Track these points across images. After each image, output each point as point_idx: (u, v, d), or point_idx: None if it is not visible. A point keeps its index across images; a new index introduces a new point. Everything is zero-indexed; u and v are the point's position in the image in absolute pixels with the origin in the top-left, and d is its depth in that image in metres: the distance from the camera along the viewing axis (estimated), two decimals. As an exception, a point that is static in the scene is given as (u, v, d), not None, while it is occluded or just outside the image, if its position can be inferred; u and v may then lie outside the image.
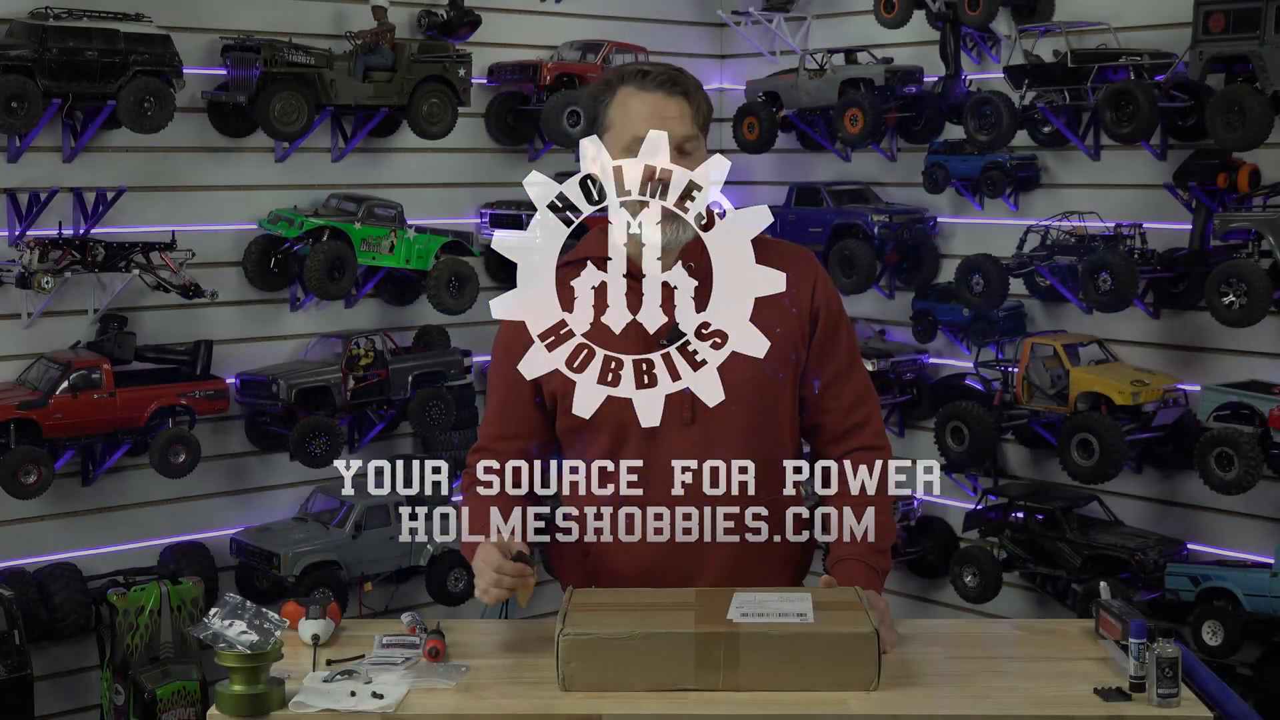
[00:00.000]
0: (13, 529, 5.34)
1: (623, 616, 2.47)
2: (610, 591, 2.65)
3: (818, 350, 2.91)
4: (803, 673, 2.44)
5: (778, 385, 2.87)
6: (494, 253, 6.74)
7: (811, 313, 2.90)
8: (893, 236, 6.27)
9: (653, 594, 2.62)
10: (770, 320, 2.83)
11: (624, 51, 6.51)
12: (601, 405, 2.83)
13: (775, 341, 2.82)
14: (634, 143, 2.77)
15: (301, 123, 5.65)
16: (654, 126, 2.76)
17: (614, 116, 2.84)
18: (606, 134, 2.86)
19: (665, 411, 2.81)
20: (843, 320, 2.96)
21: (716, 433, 2.82)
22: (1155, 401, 5.47)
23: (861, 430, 2.94)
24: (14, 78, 4.98)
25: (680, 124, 2.80)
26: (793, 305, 2.87)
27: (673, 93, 2.81)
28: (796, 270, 2.89)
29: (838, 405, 2.93)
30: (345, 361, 5.81)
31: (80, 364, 5.21)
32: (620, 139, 2.82)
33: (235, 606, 2.48)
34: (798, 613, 2.50)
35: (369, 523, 5.77)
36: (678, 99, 2.81)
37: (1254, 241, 5.08)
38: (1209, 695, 2.50)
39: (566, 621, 2.44)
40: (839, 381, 2.93)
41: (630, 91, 2.82)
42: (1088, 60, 5.56)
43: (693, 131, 2.82)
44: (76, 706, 5.53)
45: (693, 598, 2.59)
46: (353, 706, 2.39)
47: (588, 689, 2.41)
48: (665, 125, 2.77)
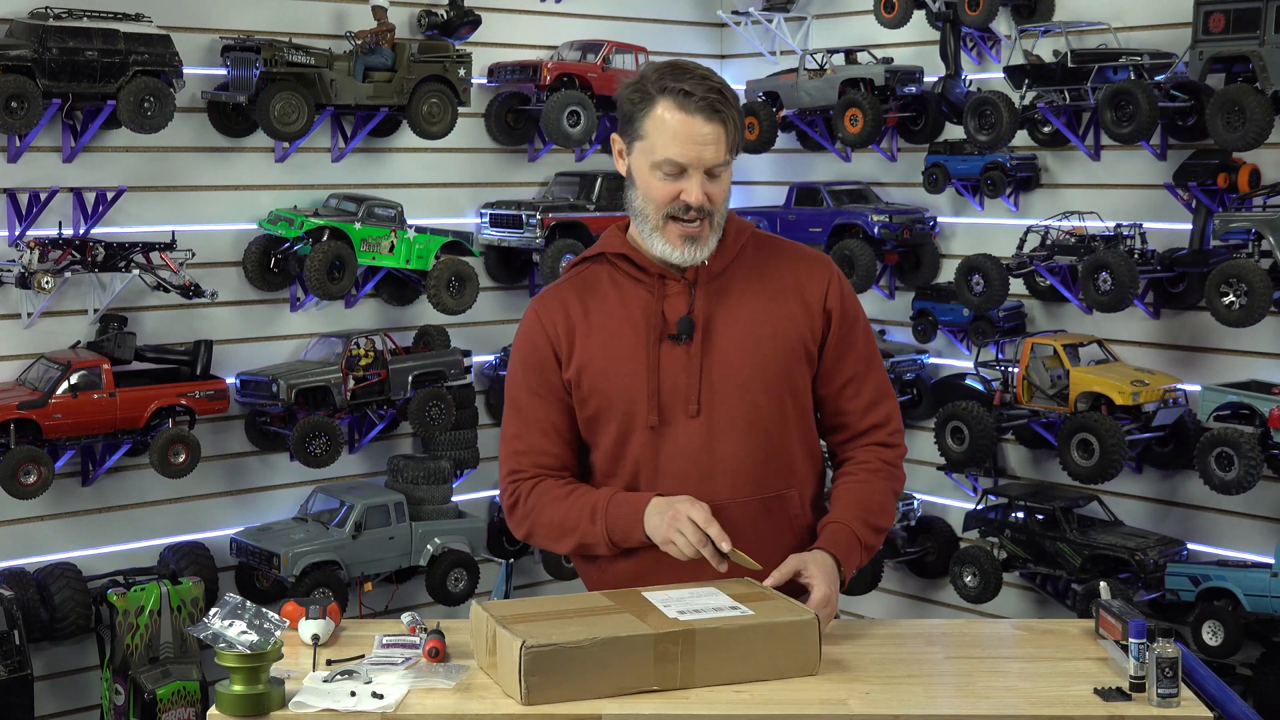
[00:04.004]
0: (13, 529, 5.34)
1: (568, 625, 2.44)
2: (520, 602, 2.61)
3: (833, 351, 2.92)
4: (751, 664, 2.46)
5: (786, 381, 2.87)
6: (494, 252, 6.81)
7: (824, 312, 2.90)
8: (893, 236, 6.27)
9: (564, 600, 2.60)
10: (779, 317, 2.86)
11: (624, 51, 6.52)
12: (609, 398, 2.85)
13: (784, 338, 2.86)
14: (666, 163, 2.77)
15: (301, 123, 5.65)
16: (689, 153, 2.75)
17: (649, 129, 2.78)
18: (638, 142, 2.81)
19: (671, 405, 2.83)
20: (859, 322, 2.96)
21: (721, 426, 2.83)
22: (1155, 401, 5.47)
23: (879, 430, 2.96)
24: (14, 78, 4.98)
25: (715, 151, 2.77)
26: (803, 304, 2.89)
27: (712, 119, 2.75)
28: (810, 271, 2.92)
29: (855, 406, 2.95)
30: (345, 361, 5.81)
31: (80, 364, 5.21)
32: (651, 154, 2.78)
33: (235, 606, 2.48)
34: (730, 606, 2.54)
35: (369, 523, 5.77)
36: (716, 125, 2.76)
37: (1254, 241, 5.08)
38: (1209, 695, 2.50)
39: (517, 635, 2.38)
40: (856, 382, 2.94)
41: (669, 108, 2.75)
42: (1088, 60, 5.56)
43: (726, 158, 2.80)
44: (76, 706, 5.53)
45: (610, 601, 2.58)
46: (353, 706, 2.39)
47: (549, 701, 2.36)
48: (701, 152, 2.75)
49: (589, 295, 2.91)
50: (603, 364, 2.86)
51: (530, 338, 2.93)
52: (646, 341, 2.83)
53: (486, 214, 6.38)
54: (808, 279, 2.90)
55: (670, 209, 2.79)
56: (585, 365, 2.87)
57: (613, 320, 2.87)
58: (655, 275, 2.86)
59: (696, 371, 2.82)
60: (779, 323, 2.87)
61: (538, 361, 2.91)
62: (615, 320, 2.87)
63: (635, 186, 2.84)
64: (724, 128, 2.77)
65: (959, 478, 6.25)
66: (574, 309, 2.90)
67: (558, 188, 6.53)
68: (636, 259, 2.88)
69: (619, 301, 2.88)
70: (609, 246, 2.92)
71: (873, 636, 2.75)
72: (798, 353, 2.88)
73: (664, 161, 2.76)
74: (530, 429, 2.92)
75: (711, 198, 2.79)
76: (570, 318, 2.89)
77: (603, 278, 2.92)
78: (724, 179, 2.82)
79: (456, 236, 6.08)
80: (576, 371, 2.87)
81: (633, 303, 2.87)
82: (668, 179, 2.78)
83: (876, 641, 2.72)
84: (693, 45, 7.08)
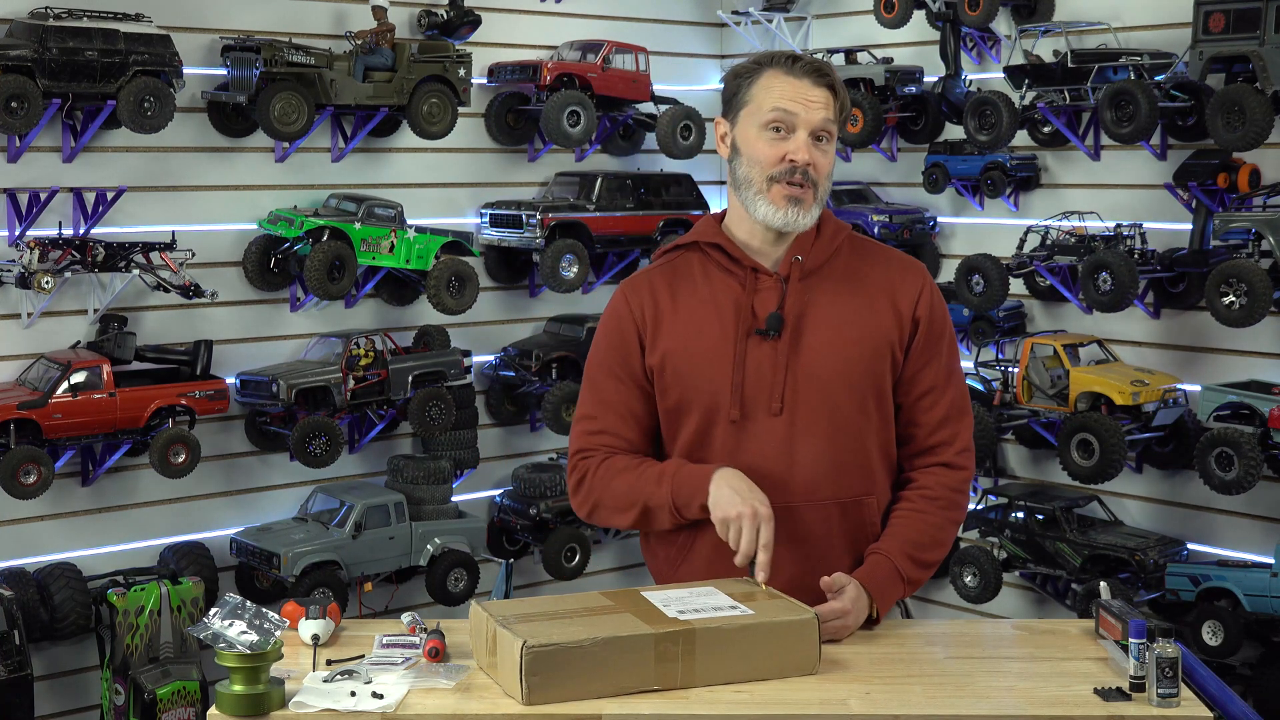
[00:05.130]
0: (13, 529, 5.34)
1: (569, 624, 2.44)
2: (519, 602, 2.61)
3: (916, 360, 2.89)
4: (751, 662, 2.46)
5: (870, 384, 2.85)
6: (494, 252, 6.81)
7: (913, 320, 2.88)
8: (893, 237, 6.27)
9: (563, 600, 2.60)
10: (869, 320, 2.84)
11: (624, 51, 6.51)
12: (692, 390, 2.83)
13: (871, 341, 2.83)
14: (773, 116, 2.78)
15: (301, 123, 5.65)
16: (797, 105, 2.77)
17: (756, 93, 2.82)
18: (744, 109, 2.83)
19: (755, 400, 2.81)
20: (945, 335, 2.93)
21: (802, 425, 2.81)
22: (1155, 401, 5.47)
23: (946, 448, 2.92)
24: (14, 78, 4.98)
25: (822, 109, 2.79)
26: (893, 309, 2.87)
27: (819, 82, 2.80)
28: (903, 276, 2.90)
29: (927, 420, 2.91)
30: (345, 361, 5.81)
31: (80, 364, 5.21)
32: (759, 114, 2.80)
33: (235, 606, 2.48)
34: (729, 606, 2.53)
35: (369, 523, 5.77)
36: (824, 88, 2.80)
37: (1254, 241, 5.08)
38: (1209, 695, 2.50)
39: (518, 635, 2.37)
40: (934, 394, 2.90)
41: (777, 74, 2.81)
42: (1088, 60, 5.56)
43: (833, 122, 2.82)
44: (76, 706, 5.53)
45: (609, 600, 2.58)
46: (353, 706, 2.39)
47: (550, 701, 2.36)
48: (808, 108, 2.78)
49: (679, 282, 2.89)
50: (687, 354, 2.84)
51: (616, 319, 2.92)
52: (735, 335, 2.82)
53: (486, 214, 6.38)
54: (901, 284, 2.89)
55: (775, 171, 2.78)
56: (670, 353, 2.85)
57: (701, 310, 2.86)
58: (748, 268, 2.85)
59: (783, 369, 2.80)
60: (868, 325, 2.84)
61: (621, 343, 2.90)
62: (704, 310, 2.85)
63: (740, 155, 2.84)
64: (832, 94, 2.81)
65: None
66: (662, 295, 2.89)
67: (558, 188, 6.53)
68: (730, 249, 2.87)
69: (709, 292, 2.86)
70: (703, 235, 2.91)
71: (873, 636, 2.75)
72: (884, 356, 2.85)
73: (773, 113, 2.78)
74: (605, 411, 2.91)
75: (816, 165, 2.80)
76: (658, 304, 2.88)
77: (694, 266, 2.90)
78: (830, 153, 2.83)
79: (456, 236, 6.08)
80: (661, 359, 2.86)
81: (722, 294, 2.85)
82: (775, 139, 2.78)
83: (876, 641, 2.72)
84: (693, 45, 7.08)
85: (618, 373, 2.90)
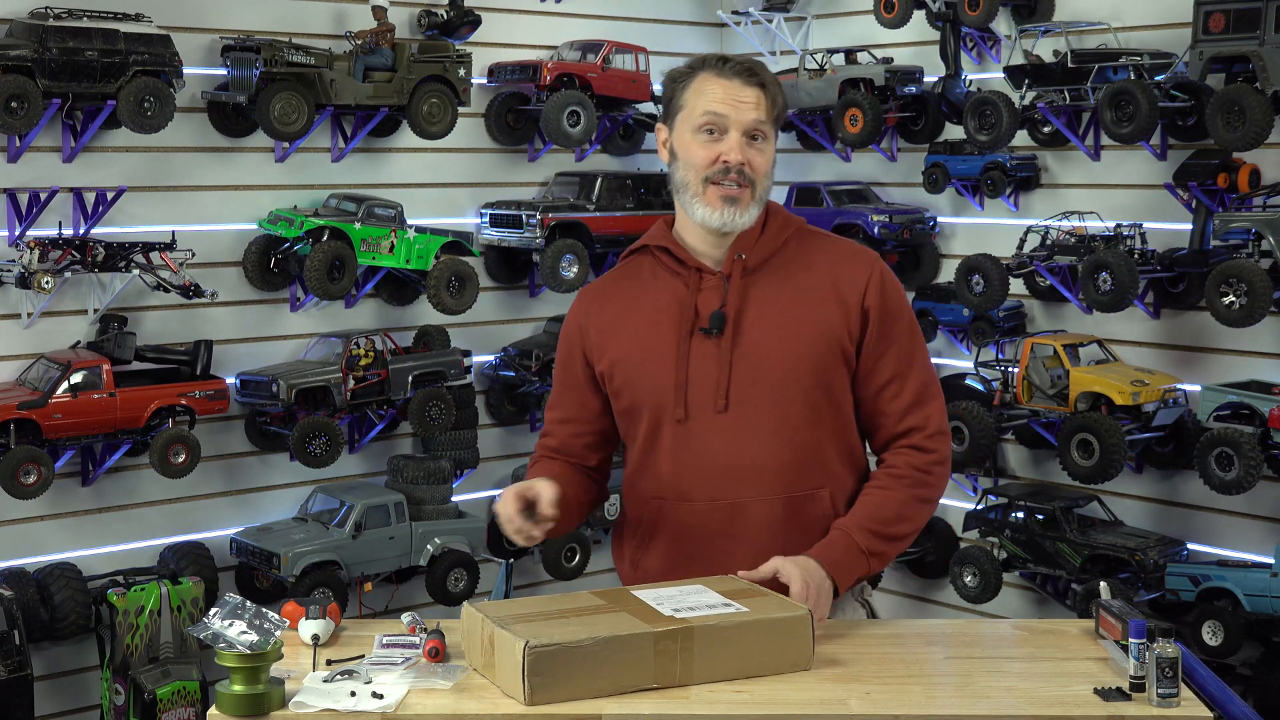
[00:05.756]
0: (13, 529, 5.34)
1: (567, 624, 2.44)
2: (513, 603, 2.61)
3: (872, 350, 2.88)
4: (747, 659, 2.47)
5: (818, 378, 2.85)
6: (494, 252, 6.80)
7: (861, 309, 2.87)
8: (893, 236, 6.27)
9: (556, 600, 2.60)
10: (814, 313, 2.84)
11: (624, 51, 6.52)
12: (640, 391, 2.87)
13: (817, 335, 2.83)
14: (706, 120, 2.81)
15: (301, 123, 5.65)
16: (727, 106, 2.80)
17: (689, 98, 2.85)
18: (679, 114, 2.86)
19: (699, 399, 2.82)
20: (900, 321, 2.91)
21: (749, 422, 2.82)
22: (1155, 401, 5.47)
23: (917, 433, 2.91)
24: (14, 78, 4.98)
25: (754, 110, 2.82)
26: (839, 301, 2.86)
27: (750, 81, 2.82)
28: (850, 266, 2.90)
29: (893, 408, 2.90)
30: (345, 361, 5.81)
31: (80, 364, 5.21)
32: (692, 117, 2.83)
33: (235, 606, 2.48)
34: (722, 604, 2.54)
35: (369, 523, 5.77)
36: (754, 88, 2.83)
37: (1254, 241, 5.08)
38: (1209, 695, 2.50)
39: (519, 636, 2.37)
40: (896, 383, 2.89)
41: (709, 76, 2.84)
42: (1088, 60, 5.56)
43: (766, 121, 2.83)
44: (76, 706, 5.53)
45: (602, 600, 2.58)
46: (353, 706, 2.39)
47: (552, 701, 2.36)
48: (739, 109, 2.80)
49: (630, 288, 2.94)
50: (635, 358, 2.88)
51: (567, 332, 3.01)
52: (678, 335, 2.84)
53: (486, 214, 6.38)
54: (847, 275, 2.88)
55: (710, 172, 2.81)
56: (618, 360, 2.89)
57: (649, 314, 2.89)
58: (692, 268, 2.88)
59: (726, 366, 2.82)
60: (813, 319, 2.84)
61: (566, 355, 2.99)
62: (650, 314, 2.89)
63: (678, 160, 2.87)
64: (764, 93, 2.83)
65: (959, 478, 6.25)
66: (611, 303, 2.94)
67: (558, 188, 6.53)
68: (676, 252, 2.90)
69: (656, 294, 2.90)
70: (653, 239, 2.95)
71: (873, 636, 2.75)
72: (833, 350, 2.85)
73: (704, 116, 2.80)
74: (551, 416, 3.04)
75: (753, 164, 2.81)
76: (606, 311, 2.94)
77: (645, 270, 2.95)
78: (766, 151, 2.84)
79: (456, 236, 6.08)
80: (610, 365, 2.90)
81: (669, 296, 2.88)
82: (708, 141, 2.81)
83: (876, 641, 2.72)
84: (693, 45, 7.07)
85: (566, 380, 3.00)
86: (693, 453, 2.83)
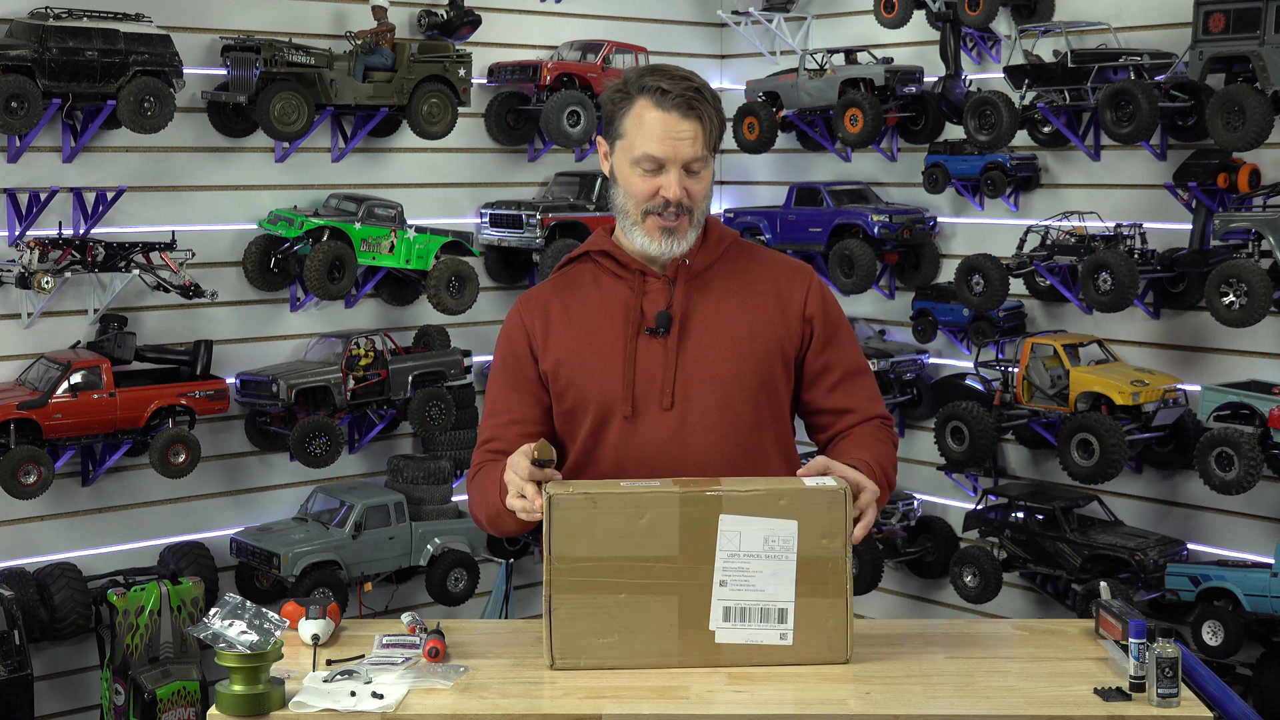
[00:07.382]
0: (13, 529, 5.34)
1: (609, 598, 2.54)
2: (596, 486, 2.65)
3: (818, 356, 2.95)
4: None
5: (761, 381, 2.90)
6: (494, 252, 6.79)
7: (804, 320, 2.94)
8: (893, 236, 6.27)
9: (638, 497, 2.61)
10: (757, 320, 2.91)
11: (624, 51, 6.52)
12: (586, 390, 2.89)
13: (760, 340, 2.90)
14: (644, 159, 2.83)
15: (301, 123, 5.65)
16: (665, 148, 2.81)
17: (628, 127, 2.85)
18: (618, 141, 2.88)
19: (646, 396, 2.86)
20: (842, 326, 3.01)
21: (694, 418, 2.86)
22: (1155, 401, 5.47)
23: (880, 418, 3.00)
24: (14, 78, 4.98)
25: (692, 146, 2.82)
26: (781, 312, 2.93)
27: (688, 115, 2.81)
28: (790, 280, 2.97)
29: (856, 401, 2.97)
30: (345, 361, 5.81)
31: (80, 364, 5.21)
32: (631, 151, 2.85)
33: (235, 606, 2.48)
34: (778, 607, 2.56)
35: (369, 523, 5.78)
36: (693, 121, 2.82)
37: (1254, 241, 5.08)
38: (1209, 695, 2.50)
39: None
40: (849, 380, 2.97)
41: (647, 106, 2.82)
42: (1088, 60, 5.56)
43: (703, 154, 2.84)
44: (76, 706, 5.53)
45: (678, 494, 2.59)
46: (353, 706, 2.39)
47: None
48: (677, 147, 2.81)
49: (571, 293, 2.96)
50: (581, 357, 2.90)
51: (509, 333, 3.00)
52: (624, 335, 2.87)
53: (486, 214, 6.39)
54: (787, 287, 2.95)
55: (649, 205, 2.85)
56: (563, 359, 2.91)
57: (593, 315, 2.92)
58: (636, 271, 2.92)
59: (672, 365, 2.86)
60: (756, 325, 2.90)
61: (513, 355, 2.97)
62: (595, 315, 2.92)
63: (617, 184, 2.91)
64: (700, 124, 2.83)
65: (959, 478, 6.25)
66: (554, 306, 2.96)
67: (558, 188, 6.53)
68: (619, 256, 2.94)
69: (600, 297, 2.93)
70: (593, 245, 2.98)
71: (873, 636, 2.75)
72: (775, 356, 2.91)
73: (643, 157, 2.82)
74: (494, 421, 2.98)
75: (691, 194, 2.85)
76: (549, 314, 2.95)
77: (585, 276, 2.98)
78: (704, 177, 2.87)
79: (456, 236, 6.09)
80: (554, 364, 2.91)
81: (614, 298, 2.92)
82: (647, 175, 2.84)
83: (876, 641, 2.72)
84: (693, 45, 7.08)
85: (511, 381, 2.97)
86: (639, 449, 2.87)
